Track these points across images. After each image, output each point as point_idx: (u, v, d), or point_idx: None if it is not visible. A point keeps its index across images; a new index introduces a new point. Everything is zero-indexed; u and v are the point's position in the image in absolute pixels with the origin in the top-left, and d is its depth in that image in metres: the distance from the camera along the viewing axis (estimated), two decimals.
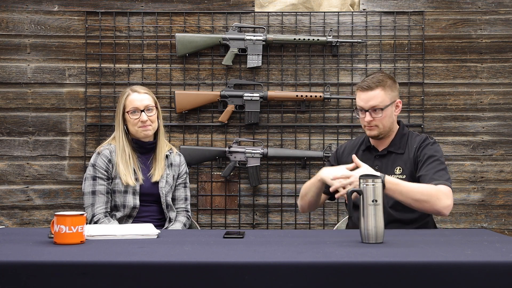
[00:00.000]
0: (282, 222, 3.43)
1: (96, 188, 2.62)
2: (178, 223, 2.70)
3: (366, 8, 3.44)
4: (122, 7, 3.44)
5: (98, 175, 2.63)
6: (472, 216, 3.43)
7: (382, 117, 2.48)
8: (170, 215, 2.69)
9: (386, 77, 2.54)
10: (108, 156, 2.65)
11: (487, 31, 3.44)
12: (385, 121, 2.50)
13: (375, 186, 1.89)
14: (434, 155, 2.45)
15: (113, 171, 2.64)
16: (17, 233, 2.19)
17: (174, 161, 2.77)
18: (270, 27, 3.44)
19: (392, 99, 2.53)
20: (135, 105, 2.66)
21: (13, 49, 3.42)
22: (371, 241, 1.87)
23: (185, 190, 2.80)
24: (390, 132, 2.55)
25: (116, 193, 2.63)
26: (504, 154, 3.43)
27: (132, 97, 2.68)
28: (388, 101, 2.50)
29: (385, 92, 2.50)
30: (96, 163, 2.65)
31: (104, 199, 2.61)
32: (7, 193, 3.41)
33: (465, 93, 3.44)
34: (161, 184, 2.68)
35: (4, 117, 3.42)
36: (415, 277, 1.54)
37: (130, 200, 2.62)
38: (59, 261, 1.58)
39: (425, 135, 2.56)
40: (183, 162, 2.82)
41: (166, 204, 2.68)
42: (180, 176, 2.79)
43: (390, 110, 2.52)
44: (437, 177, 2.38)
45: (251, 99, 3.35)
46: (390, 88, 2.52)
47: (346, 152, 2.64)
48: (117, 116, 2.70)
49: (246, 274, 1.54)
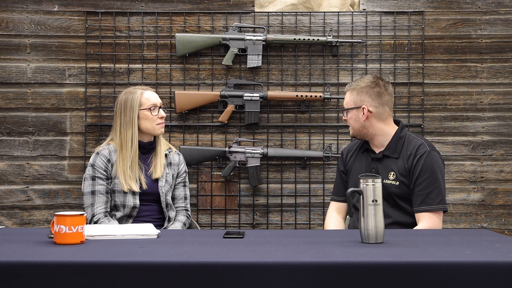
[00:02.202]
0: (282, 222, 3.43)
1: (96, 188, 2.62)
2: (178, 223, 2.71)
3: (366, 8, 3.44)
4: (122, 7, 3.44)
5: (97, 175, 2.63)
6: (472, 216, 3.43)
7: (349, 117, 2.58)
8: (170, 214, 2.69)
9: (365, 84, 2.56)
10: (107, 156, 2.65)
11: (487, 31, 3.44)
12: (352, 122, 2.57)
13: (375, 186, 1.89)
14: (426, 170, 2.45)
15: (112, 171, 2.64)
16: (17, 233, 2.19)
17: (173, 160, 2.77)
18: (270, 27, 3.43)
19: (357, 104, 2.55)
20: (153, 101, 2.67)
21: (13, 49, 3.42)
22: (371, 241, 1.87)
23: (185, 189, 2.80)
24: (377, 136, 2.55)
25: (116, 193, 2.63)
26: (504, 154, 3.43)
27: (148, 95, 2.69)
28: (351, 104, 2.56)
29: (350, 95, 2.58)
30: (95, 163, 2.64)
31: (103, 199, 2.61)
32: (7, 193, 3.41)
33: (465, 93, 3.44)
34: (160, 183, 2.68)
35: (4, 117, 3.42)
36: (415, 277, 1.54)
37: (130, 200, 2.62)
38: (59, 261, 1.57)
39: (420, 141, 2.53)
40: (182, 161, 2.82)
41: (166, 203, 2.68)
42: (180, 175, 2.79)
43: (355, 113, 2.55)
44: (429, 200, 2.42)
45: (251, 99, 3.35)
46: (356, 93, 2.56)
47: (350, 153, 2.69)
48: (129, 116, 2.64)
49: (246, 274, 1.54)
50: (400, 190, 2.47)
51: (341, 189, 2.69)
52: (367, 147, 2.61)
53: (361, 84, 2.57)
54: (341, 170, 2.71)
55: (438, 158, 2.50)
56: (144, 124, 2.66)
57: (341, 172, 2.71)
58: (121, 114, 2.66)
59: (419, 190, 2.44)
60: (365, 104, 2.53)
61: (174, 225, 2.69)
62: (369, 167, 2.55)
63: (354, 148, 2.68)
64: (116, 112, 2.69)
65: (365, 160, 2.59)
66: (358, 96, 2.55)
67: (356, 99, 2.55)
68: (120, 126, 2.65)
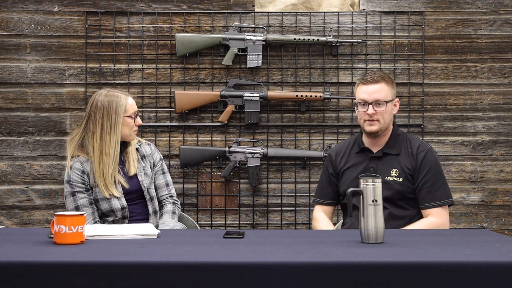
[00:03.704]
0: (282, 222, 3.43)
1: (79, 203, 2.54)
2: (166, 215, 2.67)
3: (366, 8, 3.44)
4: (122, 7, 3.44)
5: (76, 189, 2.55)
6: (472, 216, 3.43)
7: (384, 111, 2.48)
8: (155, 207, 2.65)
9: (387, 76, 2.55)
10: (80, 168, 2.56)
11: (487, 31, 3.44)
12: (386, 116, 2.51)
13: (375, 186, 1.89)
14: (432, 167, 2.49)
15: (90, 181, 2.57)
16: (17, 233, 2.19)
17: (145, 151, 2.72)
18: (270, 27, 3.44)
19: (393, 97, 2.55)
20: (135, 109, 2.63)
21: (13, 49, 3.42)
22: (371, 241, 1.87)
23: (165, 176, 2.75)
24: (386, 131, 2.55)
25: (99, 201, 2.56)
26: (504, 154, 3.43)
27: (131, 101, 2.63)
28: (390, 97, 2.52)
29: (388, 87, 2.52)
30: (71, 178, 2.55)
31: (89, 211, 2.54)
32: (7, 193, 3.41)
33: (465, 93, 3.44)
34: (140, 177, 2.64)
35: (4, 117, 3.42)
36: (415, 277, 1.54)
37: (116, 203, 2.55)
38: (59, 261, 1.58)
39: (419, 140, 2.56)
40: (154, 150, 2.76)
41: (149, 196, 2.64)
42: (156, 164, 2.73)
43: (391, 106, 2.53)
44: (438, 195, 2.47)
45: (251, 99, 3.35)
46: (391, 85, 2.55)
47: (340, 155, 2.64)
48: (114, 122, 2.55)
49: (246, 274, 1.54)
50: (403, 187, 2.47)
51: (328, 192, 2.66)
52: (362, 147, 2.59)
53: (387, 77, 2.54)
54: (330, 172, 2.65)
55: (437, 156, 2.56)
56: (124, 131, 2.57)
57: (330, 174, 2.65)
58: (103, 118, 2.54)
59: (427, 186, 2.47)
60: (397, 97, 2.57)
61: (163, 219, 2.64)
62: (367, 167, 2.53)
63: (343, 149, 2.64)
64: (96, 116, 2.55)
65: (361, 160, 2.57)
66: (393, 88, 2.55)
67: (392, 91, 2.54)
68: (102, 131, 2.54)
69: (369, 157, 2.55)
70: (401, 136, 2.57)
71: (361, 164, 2.55)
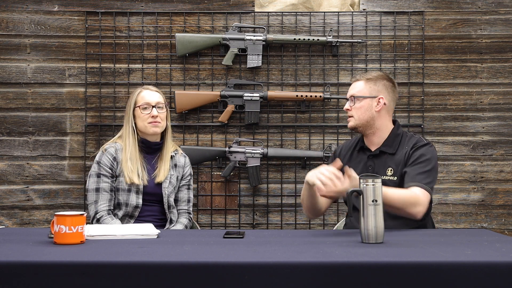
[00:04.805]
0: (282, 222, 3.43)
1: (100, 186, 2.62)
2: (180, 225, 2.70)
3: (366, 8, 3.44)
4: (122, 7, 3.44)
5: (102, 172, 2.64)
6: (472, 216, 3.43)
7: (358, 107, 2.50)
8: (172, 216, 2.69)
9: (380, 76, 2.56)
10: (113, 154, 2.66)
11: (487, 31, 3.44)
12: (361, 112, 2.51)
13: (375, 186, 1.89)
14: (424, 155, 2.43)
15: (118, 169, 2.65)
16: (17, 233, 2.19)
17: (178, 162, 2.77)
18: (270, 27, 3.44)
19: (372, 93, 2.52)
20: (146, 100, 2.67)
21: (13, 49, 3.42)
22: (371, 241, 1.87)
23: (188, 192, 2.79)
24: (373, 129, 2.54)
25: (119, 191, 2.63)
26: (504, 154, 3.43)
27: (144, 93, 2.70)
28: (366, 93, 2.52)
29: (366, 84, 2.53)
30: (101, 160, 2.65)
31: (107, 197, 2.62)
32: (7, 193, 3.41)
33: (465, 93, 3.44)
34: (164, 184, 2.68)
35: (4, 117, 3.42)
36: (415, 277, 1.54)
37: (133, 199, 2.62)
38: (59, 261, 1.58)
39: (420, 137, 2.54)
40: (187, 164, 2.81)
41: (168, 204, 2.68)
42: (184, 178, 2.78)
43: (368, 103, 2.51)
44: (419, 179, 2.36)
45: (251, 99, 3.35)
46: (374, 83, 2.53)
47: (344, 151, 2.65)
48: (127, 113, 2.70)
49: (246, 274, 1.54)
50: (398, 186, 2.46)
51: None
52: (362, 145, 2.59)
53: (377, 76, 2.55)
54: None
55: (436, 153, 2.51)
56: (138, 123, 2.68)
57: None
58: (125, 111, 2.74)
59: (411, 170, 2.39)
60: (382, 95, 2.53)
61: (175, 227, 2.69)
62: (365, 165, 2.53)
63: (348, 147, 2.64)
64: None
65: (360, 158, 2.57)
66: (375, 86, 2.53)
67: (372, 88, 2.52)
68: (124, 122, 2.72)
69: (368, 156, 2.56)
70: (402, 135, 2.56)
71: (360, 163, 2.56)
